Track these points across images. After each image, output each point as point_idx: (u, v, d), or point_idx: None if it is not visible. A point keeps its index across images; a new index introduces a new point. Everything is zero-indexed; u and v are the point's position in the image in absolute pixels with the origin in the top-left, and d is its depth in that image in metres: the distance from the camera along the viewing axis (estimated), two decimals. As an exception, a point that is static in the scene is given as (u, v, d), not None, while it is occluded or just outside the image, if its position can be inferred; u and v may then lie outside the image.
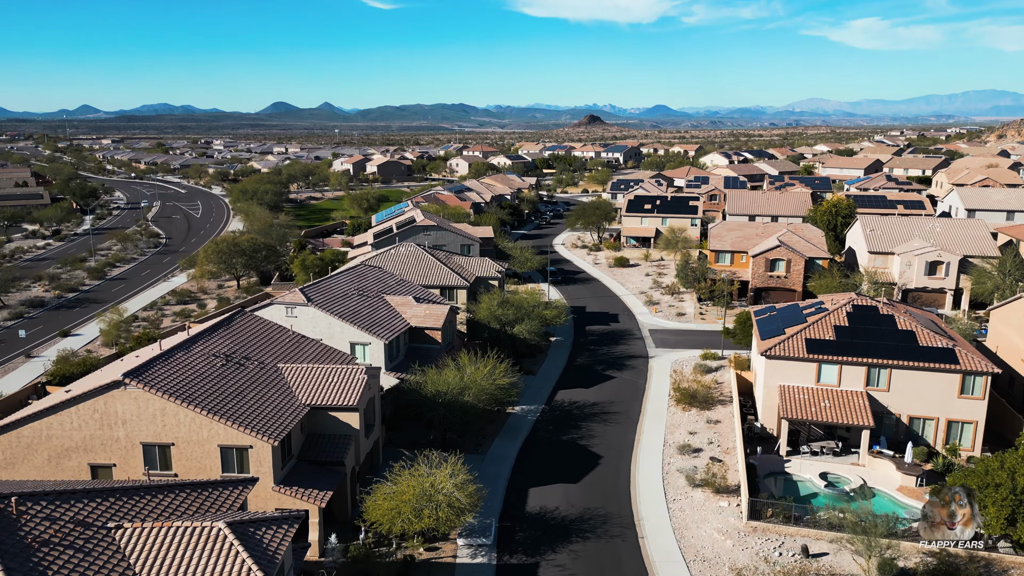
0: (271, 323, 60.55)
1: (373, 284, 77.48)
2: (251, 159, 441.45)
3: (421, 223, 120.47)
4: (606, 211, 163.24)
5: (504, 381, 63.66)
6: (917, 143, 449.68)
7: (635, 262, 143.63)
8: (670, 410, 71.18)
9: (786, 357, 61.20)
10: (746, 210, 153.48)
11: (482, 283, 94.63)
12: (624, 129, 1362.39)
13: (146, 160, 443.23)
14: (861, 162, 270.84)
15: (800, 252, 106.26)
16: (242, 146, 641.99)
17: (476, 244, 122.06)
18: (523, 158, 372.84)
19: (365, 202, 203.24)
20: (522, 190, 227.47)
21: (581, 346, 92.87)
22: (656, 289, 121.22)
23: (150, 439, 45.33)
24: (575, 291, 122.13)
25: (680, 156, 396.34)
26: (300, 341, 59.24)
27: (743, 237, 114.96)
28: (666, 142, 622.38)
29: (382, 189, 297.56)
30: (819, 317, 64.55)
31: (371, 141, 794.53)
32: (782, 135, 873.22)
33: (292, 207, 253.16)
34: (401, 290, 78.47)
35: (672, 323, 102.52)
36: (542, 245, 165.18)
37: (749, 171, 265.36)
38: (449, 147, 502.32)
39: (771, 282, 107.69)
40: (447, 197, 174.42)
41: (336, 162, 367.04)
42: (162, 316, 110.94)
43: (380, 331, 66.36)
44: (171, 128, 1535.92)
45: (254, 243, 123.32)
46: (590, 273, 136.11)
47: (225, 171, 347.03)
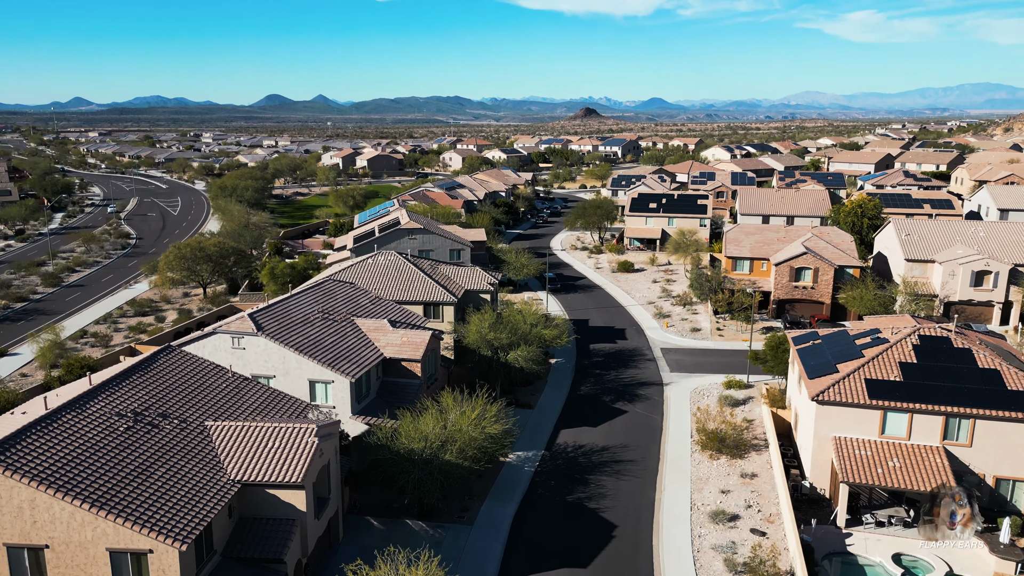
0: (205, 362, 48.83)
1: (342, 304, 65.72)
2: (239, 152, 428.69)
3: (406, 226, 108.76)
4: (608, 210, 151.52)
5: (496, 429, 52.05)
6: (922, 136, 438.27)
7: (640, 266, 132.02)
8: (694, 457, 59.63)
9: (843, 403, 49.65)
10: (758, 209, 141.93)
11: (472, 297, 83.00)
12: (620, 122, 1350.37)
13: (130, 153, 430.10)
14: (871, 156, 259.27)
15: (828, 260, 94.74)
16: (232, 139, 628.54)
17: (467, 249, 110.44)
18: (518, 152, 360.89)
19: (351, 199, 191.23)
20: (517, 186, 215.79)
21: (585, 370, 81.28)
22: (666, 299, 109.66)
23: (16, 540, 33.68)
24: (576, 301, 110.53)
25: (680, 150, 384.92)
26: (241, 386, 47.57)
27: (763, 242, 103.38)
28: (663, 135, 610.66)
29: (371, 184, 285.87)
30: (879, 351, 53.00)
31: (364, 134, 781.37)
32: (780, 128, 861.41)
33: (277, 203, 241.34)
34: (376, 311, 66.75)
35: (686, 340, 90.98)
36: (539, 247, 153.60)
37: (754, 166, 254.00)
38: (443, 140, 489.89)
39: (796, 293, 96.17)
40: (437, 195, 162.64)
41: (325, 156, 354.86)
42: (115, 331, 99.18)
43: (346, 365, 54.70)
44: (164, 121, 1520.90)
45: (222, 247, 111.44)
46: (592, 279, 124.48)
47: (210, 165, 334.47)
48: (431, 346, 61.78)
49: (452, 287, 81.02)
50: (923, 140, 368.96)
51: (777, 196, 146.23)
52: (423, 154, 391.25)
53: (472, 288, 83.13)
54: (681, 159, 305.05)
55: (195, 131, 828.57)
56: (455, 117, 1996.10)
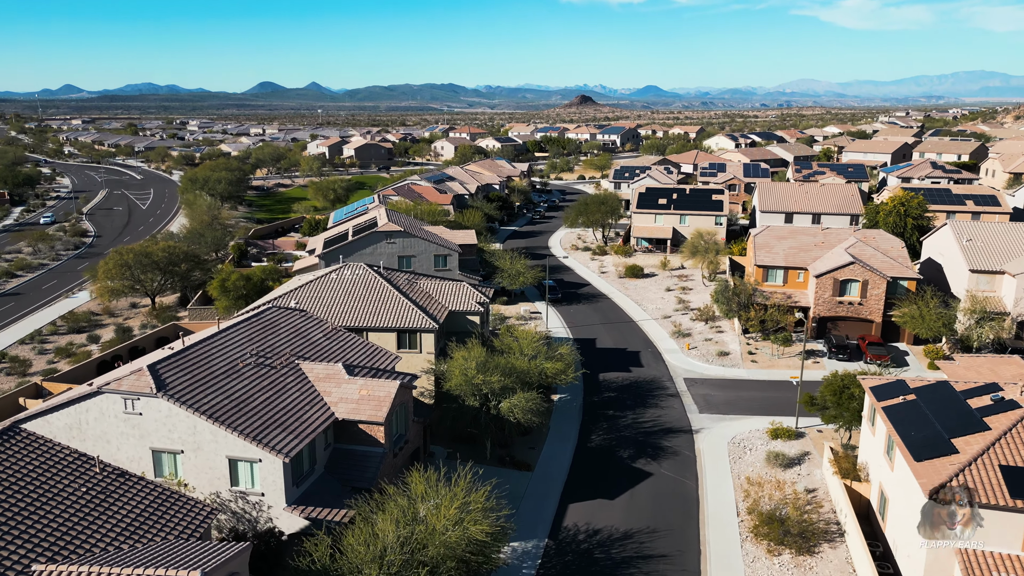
0: (51, 444, 33.97)
1: (286, 341, 50.85)
2: (224, 141, 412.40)
3: (384, 228, 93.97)
4: (613, 207, 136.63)
5: (481, 530, 37.29)
6: (930, 125, 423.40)
7: (650, 271, 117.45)
8: (747, 550, 45.15)
9: (972, 503, 35.16)
10: (781, 206, 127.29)
11: (457, 320, 68.38)
12: (616, 110, 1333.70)
13: (110, 142, 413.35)
14: (886, 146, 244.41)
15: (879, 271, 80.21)
16: (218, 127, 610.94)
17: (454, 255, 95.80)
18: (513, 140, 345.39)
19: (331, 192, 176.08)
20: (512, 178, 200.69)
21: (595, 410, 66.73)
22: (683, 311, 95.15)
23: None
24: (580, 314, 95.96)
25: (681, 138, 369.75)
26: (106, 494, 32.77)
27: (798, 248, 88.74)
28: (661, 123, 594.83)
29: (358, 175, 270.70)
30: (1012, 420, 38.51)
31: (356, 122, 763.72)
32: (779, 116, 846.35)
33: (257, 196, 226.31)
34: (330, 349, 51.86)
35: (714, 368, 76.47)
36: (537, 247, 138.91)
37: (763, 156, 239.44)
38: (435, 128, 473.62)
39: (840, 310, 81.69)
40: (424, 189, 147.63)
41: (311, 145, 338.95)
42: (39, 353, 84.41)
43: (279, 437, 40.01)
44: (154, 108, 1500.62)
45: (171, 252, 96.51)
46: (597, 287, 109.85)
47: (190, 155, 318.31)
48: (399, 399, 47.04)
49: (433, 308, 66.38)
50: (935, 128, 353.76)
51: (800, 191, 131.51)
52: (414, 143, 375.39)
53: (458, 309, 68.46)
54: (683, 148, 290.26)
55: (181, 119, 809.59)
56: (449, 105, 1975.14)
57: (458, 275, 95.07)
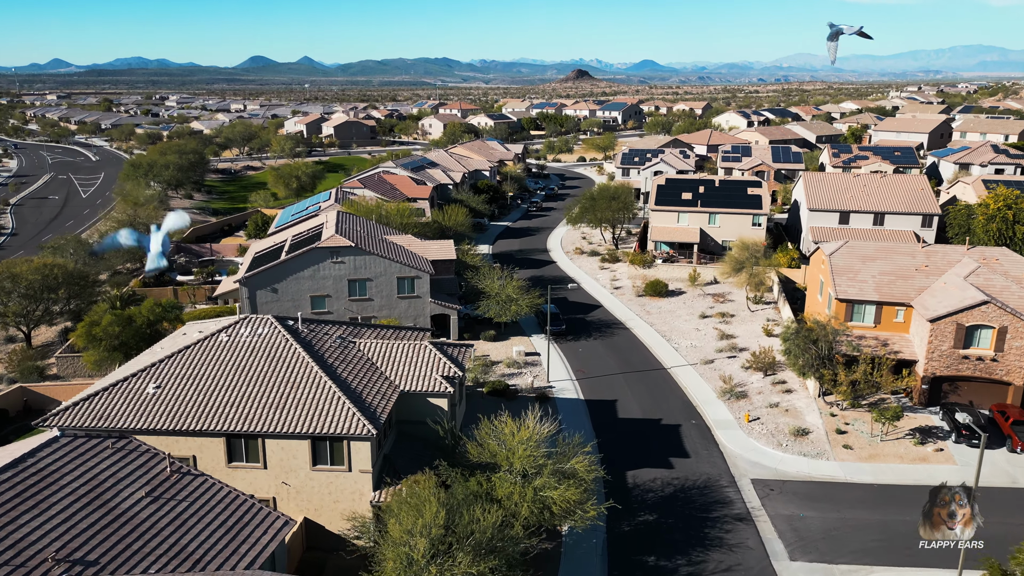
0: None
1: (83, 522, 26.83)
2: (199, 117, 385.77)
3: (328, 242, 69.84)
4: (625, 202, 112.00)
5: None
6: (950, 100, 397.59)
7: (676, 286, 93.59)
8: None
9: None
10: (834, 203, 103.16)
11: (414, 404, 44.48)
12: (613, 84, 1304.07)
13: (77, 119, 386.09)
14: (921, 124, 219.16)
15: (1021, 313, 56.29)
16: (199, 102, 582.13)
17: (424, 276, 71.98)
18: (507, 118, 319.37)
19: (294, 179, 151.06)
20: (505, 162, 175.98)
21: (626, 554, 42.79)
22: (729, 352, 71.26)
23: None
24: (593, 356, 72.01)
25: (688, 115, 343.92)
26: None
27: (894, 274, 64.60)
28: (661, 98, 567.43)
29: (337, 156, 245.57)
30: None
31: (345, 97, 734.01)
32: (781, 91, 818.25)
33: (222, 180, 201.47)
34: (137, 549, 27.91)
35: (791, 457, 52.63)
36: (533, 249, 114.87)
37: (782, 135, 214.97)
38: (423, 104, 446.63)
39: (964, 367, 57.79)
40: (398, 179, 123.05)
41: (289, 122, 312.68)
42: None
43: None
44: (142, 83, 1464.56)
45: (46, 274, 72.07)
46: (610, 309, 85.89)
47: (156, 133, 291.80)
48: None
49: (375, 392, 42.41)
50: (963, 105, 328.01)
51: (856, 184, 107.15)
52: (400, 120, 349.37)
53: (416, 389, 44.50)
54: (691, 126, 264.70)
55: (163, 94, 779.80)
56: (443, 79, 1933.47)
57: (429, 302, 71.16)
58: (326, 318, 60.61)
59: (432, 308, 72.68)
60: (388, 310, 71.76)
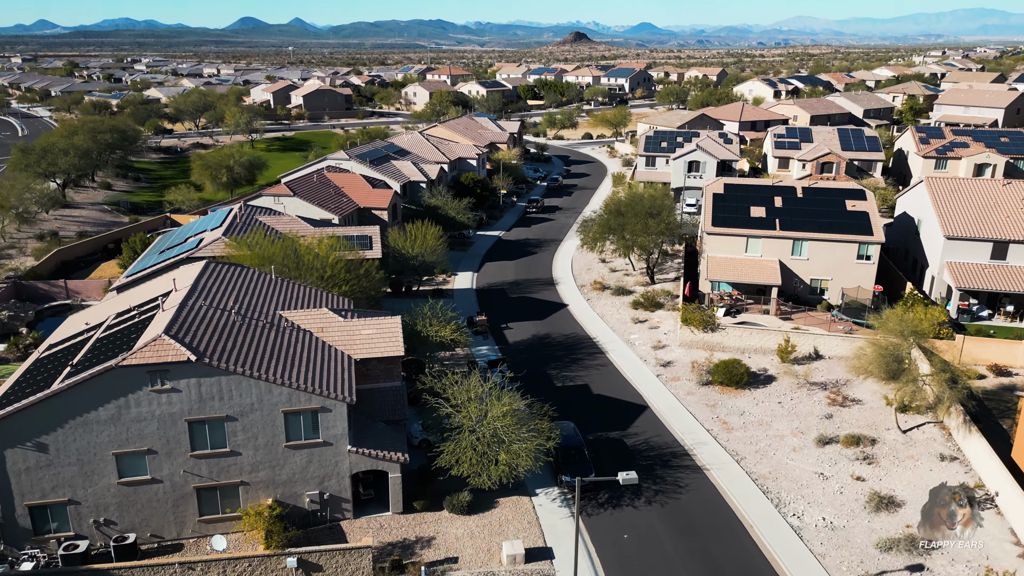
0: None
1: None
2: (163, 83, 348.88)
3: (144, 357, 35.85)
4: (668, 221, 77.64)
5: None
6: (990, 66, 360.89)
7: (759, 363, 60.27)
8: None
9: None
10: (980, 229, 69.66)
11: None
12: (611, 48, 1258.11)
13: (26, 85, 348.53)
14: (994, 98, 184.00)
15: None
16: (171, 66, 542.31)
17: (338, 408, 38.15)
18: (502, 85, 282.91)
19: (223, 171, 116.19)
20: (498, 145, 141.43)
21: None
22: (909, 555, 38.10)
23: None
24: (650, 549, 38.60)
25: (703, 83, 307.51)
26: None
27: None
28: (668, 63, 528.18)
29: (304, 132, 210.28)
30: None
31: (332, 61, 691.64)
32: (786, 55, 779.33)
33: (163, 162, 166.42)
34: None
35: None
36: (533, 282, 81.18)
37: (825, 109, 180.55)
38: (409, 70, 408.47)
39: None
40: (348, 180, 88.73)
41: (255, 90, 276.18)
42: None
43: None
44: (129, 45, 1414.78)
45: None
46: (662, 415, 52.50)
47: (103, 102, 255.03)
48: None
49: None
50: (1020, 73, 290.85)
51: (1006, 197, 73.38)
52: (383, 87, 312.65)
53: None
54: (710, 97, 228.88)
55: (134, 56, 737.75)
56: (437, 42, 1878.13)
57: (347, 452, 37.81)
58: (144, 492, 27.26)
59: (354, 462, 39.17)
60: (269, 469, 38.32)
